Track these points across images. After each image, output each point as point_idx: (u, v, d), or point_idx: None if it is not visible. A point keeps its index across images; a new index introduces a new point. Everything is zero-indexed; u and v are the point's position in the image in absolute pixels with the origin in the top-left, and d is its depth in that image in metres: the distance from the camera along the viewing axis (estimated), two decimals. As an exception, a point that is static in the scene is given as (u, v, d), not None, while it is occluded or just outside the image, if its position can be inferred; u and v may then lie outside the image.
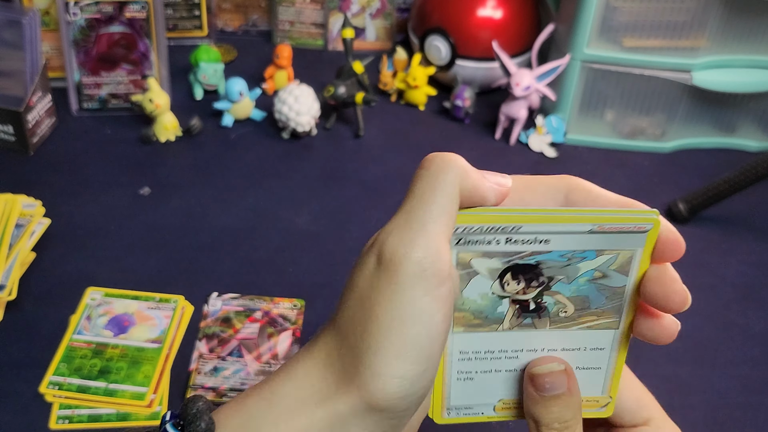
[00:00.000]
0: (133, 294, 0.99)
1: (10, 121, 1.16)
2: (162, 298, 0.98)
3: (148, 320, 0.95)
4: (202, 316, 0.98)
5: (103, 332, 0.93)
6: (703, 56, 1.22)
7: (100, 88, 1.27)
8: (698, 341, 1.01)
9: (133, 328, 0.94)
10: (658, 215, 0.40)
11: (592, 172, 1.24)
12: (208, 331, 0.96)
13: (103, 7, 1.21)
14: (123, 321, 0.95)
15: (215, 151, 1.24)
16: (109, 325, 0.94)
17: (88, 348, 0.91)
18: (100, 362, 0.90)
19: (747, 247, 1.15)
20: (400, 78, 1.37)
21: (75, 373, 0.88)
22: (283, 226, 1.12)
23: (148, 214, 1.12)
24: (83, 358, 0.90)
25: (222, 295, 1.00)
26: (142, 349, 0.92)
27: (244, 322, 0.97)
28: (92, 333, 0.93)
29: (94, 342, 0.92)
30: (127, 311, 0.96)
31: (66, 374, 0.88)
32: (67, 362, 0.90)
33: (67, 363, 0.89)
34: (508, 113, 1.28)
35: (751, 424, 0.92)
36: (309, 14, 1.46)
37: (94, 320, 0.94)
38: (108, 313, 0.96)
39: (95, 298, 0.97)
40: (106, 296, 0.97)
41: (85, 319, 0.94)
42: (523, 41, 1.34)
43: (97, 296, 0.98)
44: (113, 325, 0.94)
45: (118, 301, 0.97)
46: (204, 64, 1.31)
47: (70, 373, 0.88)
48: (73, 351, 0.91)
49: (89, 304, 0.96)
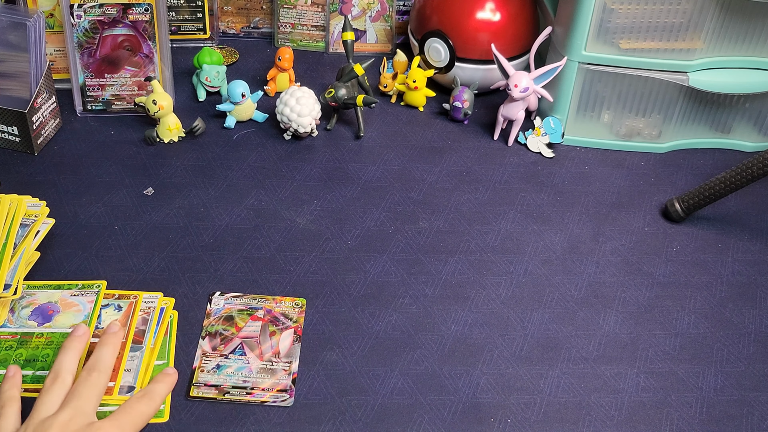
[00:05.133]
0: (55, 284, 1.00)
1: (15, 122, 1.18)
2: (84, 285, 1.00)
3: (72, 306, 0.97)
4: (205, 315, 0.99)
5: (28, 323, 0.95)
6: (699, 58, 1.23)
7: (104, 89, 1.28)
8: (694, 339, 1.02)
9: (57, 315, 0.96)
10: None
11: (589, 172, 1.26)
12: (211, 330, 0.97)
13: (107, 9, 1.22)
14: (47, 310, 0.97)
15: (218, 152, 1.25)
16: (33, 315, 0.96)
17: (12, 339, 0.93)
18: (25, 352, 0.92)
19: (742, 246, 1.16)
20: (400, 80, 1.38)
21: (1, 365, 0.90)
22: (284, 226, 1.13)
23: (151, 214, 1.13)
24: (8, 349, 0.92)
25: (225, 294, 1.02)
26: (67, 335, 0.93)
27: (246, 320, 0.99)
28: (16, 325, 0.95)
29: (18, 333, 0.94)
30: (50, 300, 0.98)
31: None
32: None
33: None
34: (506, 114, 1.29)
35: (746, 421, 0.93)
36: (310, 17, 1.47)
37: (18, 312, 0.96)
38: (31, 304, 0.97)
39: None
40: (29, 288, 0.99)
41: (9, 312, 0.96)
42: (521, 43, 1.36)
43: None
44: (37, 314, 0.96)
45: (41, 292, 0.99)
46: (207, 66, 1.32)
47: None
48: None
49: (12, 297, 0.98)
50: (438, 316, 1.02)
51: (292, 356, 0.95)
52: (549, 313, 1.04)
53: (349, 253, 1.10)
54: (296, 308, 1.01)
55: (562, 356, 0.98)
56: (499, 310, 1.04)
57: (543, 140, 1.30)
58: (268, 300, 1.01)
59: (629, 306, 1.06)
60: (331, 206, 1.17)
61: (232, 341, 0.96)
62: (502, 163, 1.28)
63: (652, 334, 1.02)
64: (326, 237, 1.12)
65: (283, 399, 0.90)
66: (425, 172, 1.25)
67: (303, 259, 1.08)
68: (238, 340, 0.96)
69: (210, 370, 0.92)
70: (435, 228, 1.15)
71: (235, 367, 0.93)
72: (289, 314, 1.00)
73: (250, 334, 0.97)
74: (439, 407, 0.91)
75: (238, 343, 0.96)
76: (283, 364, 0.94)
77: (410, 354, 0.97)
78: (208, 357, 0.94)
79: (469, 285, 1.07)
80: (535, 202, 1.21)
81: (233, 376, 0.92)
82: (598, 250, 1.14)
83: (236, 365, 0.93)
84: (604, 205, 1.21)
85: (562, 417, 0.92)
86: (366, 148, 1.29)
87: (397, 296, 1.04)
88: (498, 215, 1.18)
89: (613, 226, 1.18)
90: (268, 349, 0.96)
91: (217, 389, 0.90)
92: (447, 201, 1.20)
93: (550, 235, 1.15)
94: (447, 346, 0.99)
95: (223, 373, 0.92)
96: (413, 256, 1.10)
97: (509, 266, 1.10)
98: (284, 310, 1.00)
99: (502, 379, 0.95)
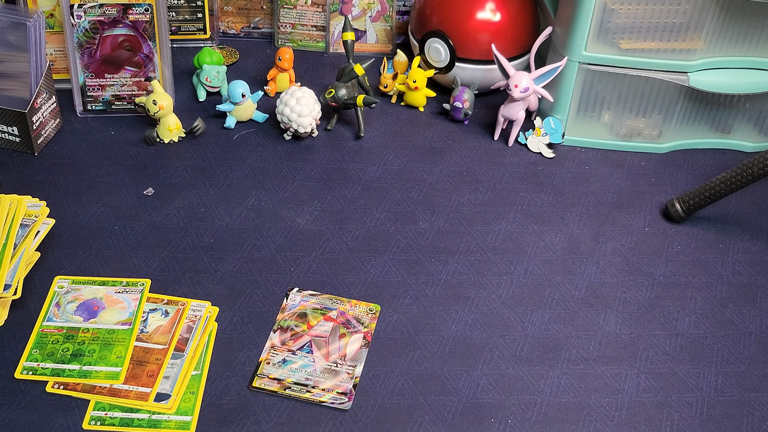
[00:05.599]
0: (99, 280, 1.01)
1: (15, 123, 1.18)
2: (128, 282, 1.01)
3: (117, 303, 0.98)
4: (281, 309, 1.00)
5: (73, 317, 0.96)
6: (699, 58, 1.23)
7: (104, 89, 1.28)
8: (695, 339, 1.02)
9: (103, 311, 0.97)
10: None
11: (590, 172, 1.26)
12: (284, 324, 0.98)
13: (107, 9, 1.22)
14: (92, 306, 0.97)
15: (218, 152, 1.25)
16: (78, 310, 0.97)
17: (59, 333, 0.94)
18: (72, 346, 0.92)
19: (743, 246, 1.16)
20: (401, 80, 1.38)
21: (48, 358, 0.91)
22: (284, 226, 1.13)
23: (151, 214, 1.13)
24: (55, 343, 0.92)
25: (302, 291, 1.03)
26: (113, 331, 0.94)
27: (319, 319, 1.00)
28: (62, 319, 0.95)
29: (65, 327, 0.95)
30: (95, 296, 0.98)
31: (39, 360, 0.91)
32: (40, 348, 0.92)
33: (40, 349, 0.92)
34: (506, 115, 1.29)
35: (747, 421, 0.93)
36: (310, 17, 1.47)
37: (64, 306, 0.96)
38: (77, 299, 0.98)
39: (63, 286, 0.99)
40: (74, 283, 1.00)
41: (54, 306, 0.96)
42: (521, 44, 1.36)
43: (64, 284, 1.00)
44: (83, 310, 0.97)
45: (86, 287, 1.00)
46: (207, 66, 1.32)
47: (43, 358, 0.91)
48: (45, 337, 0.93)
49: (57, 291, 0.99)
50: (438, 317, 1.02)
51: (358, 360, 0.95)
52: (549, 313, 1.04)
53: (349, 253, 1.10)
54: (369, 314, 1.01)
55: (562, 356, 0.98)
56: (500, 311, 1.04)
57: (543, 140, 1.30)
58: (344, 302, 1.02)
59: (629, 306, 1.06)
60: (331, 206, 1.17)
61: (301, 338, 0.97)
62: (503, 164, 1.28)
63: (653, 334, 1.02)
64: (326, 237, 1.12)
65: (342, 402, 0.90)
66: (425, 173, 1.25)
67: (303, 260, 1.08)
68: (308, 338, 0.97)
69: (276, 363, 0.93)
70: (435, 228, 1.15)
71: (300, 364, 0.94)
72: (362, 319, 1.00)
73: (320, 333, 0.98)
74: (439, 407, 0.91)
75: (307, 340, 0.97)
76: (348, 367, 0.94)
77: (410, 354, 0.97)
78: (276, 350, 0.95)
79: (469, 285, 1.07)
80: (536, 202, 1.21)
81: (297, 373, 0.93)
82: (598, 251, 1.14)
83: (302, 362, 0.94)
84: (605, 205, 1.21)
85: (563, 417, 0.92)
86: (366, 148, 1.29)
87: (397, 296, 1.04)
88: (498, 215, 1.18)
89: (613, 226, 1.18)
90: (336, 351, 0.96)
91: (279, 383, 0.91)
92: (447, 201, 1.20)
93: (551, 235, 1.15)
94: (447, 346, 0.98)
95: (288, 368, 0.93)
96: (413, 257, 1.10)
97: (509, 266, 1.10)
98: (357, 314, 1.01)
99: (502, 380, 0.95)
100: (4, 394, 0.88)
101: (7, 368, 0.91)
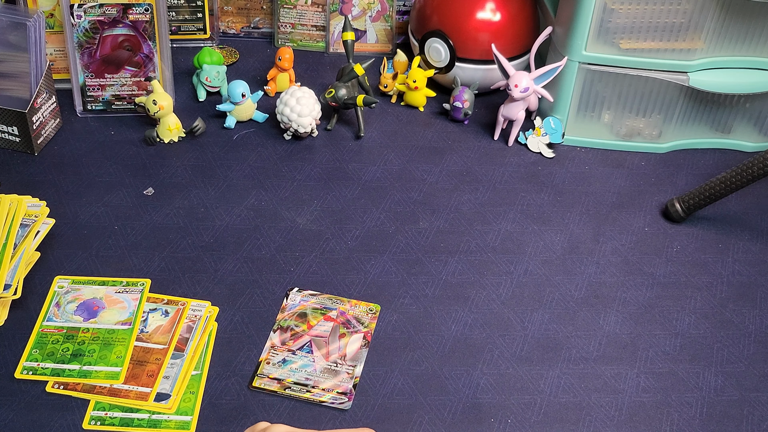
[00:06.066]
0: (99, 280, 1.01)
1: (15, 122, 1.18)
2: (128, 282, 1.01)
3: (117, 303, 0.98)
4: (281, 309, 1.00)
5: (73, 317, 0.96)
6: (699, 58, 1.23)
7: (104, 89, 1.28)
8: (694, 339, 1.02)
9: (103, 311, 0.97)
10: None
11: (590, 172, 1.26)
12: (284, 324, 0.98)
13: (107, 9, 1.22)
14: (92, 305, 0.97)
15: (218, 152, 1.25)
16: (78, 310, 0.97)
17: (59, 333, 0.94)
18: (72, 346, 0.92)
19: (743, 246, 1.16)
20: (401, 80, 1.38)
21: (48, 358, 0.91)
22: (284, 226, 1.13)
23: (151, 214, 1.13)
24: (55, 343, 0.93)
25: (302, 290, 1.03)
26: (113, 331, 0.94)
27: (319, 319, 1.00)
28: (62, 319, 0.95)
29: (65, 327, 0.95)
30: (95, 296, 0.98)
31: (39, 359, 0.91)
32: (40, 348, 0.92)
33: (40, 349, 0.92)
34: (506, 114, 1.29)
35: (747, 421, 0.93)
36: (310, 17, 1.47)
37: (63, 306, 0.96)
38: (77, 299, 0.98)
39: (63, 286, 1.00)
40: (74, 283, 1.00)
41: (54, 305, 0.96)
42: (521, 44, 1.36)
43: (64, 284, 1.00)
44: (83, 310, 0.97)
45: (86, 287, 1.00)
46: (207, 66, 1.32)
47: (43, 358, 0.91)
48: (45, 337, 0.93)
49: (57, 291, 0.99)
50: (438, 317, 1.02)
51: (358, 360, 0.95)
52: (549, 313, 1.04)
53: (349, 253, 1.10)
54: (369, 314, 1.01)
55: (562, 356, 0.98)
56: (499, 311, 1.04)
57: (543, 140, 1.30)
58: (344, 302, 1.02)
59: (629, 306, 1.06)
60: (331, 206, 1.17)
61: (301, 338, 0.97)
62: (503, 164, 1.28)
63: (653, 334, 1.02)
64: (326, 237, 1.12)
65: (342, 402, 0.90)
66: (425, 172, 1.25)
67: (303, 260, 1.08)
68: (308, 338, 0.97)
69: (276, 363, 0.93)
70: (435, 228, 1.15)
71: (300, 364, 0.94)
72: (362, 318, 1.00)
73: (320, 333, 0.98)
74: (439, 407, 0.91)
75: (307, 340, 0.97)
76: (347, 367, 0.94)
77: (410, 354, 0.97)
78: (275, 350, 0.95)
79: (469, 285, 1.07)
80: (536, 202, 1.21)
81: (297, 373, 0.93)
82: (598, 251, 1.14)
83: (302, 362, 0.94)
84: (605, 205, 1.21)
85: (563, 417, 0.92)
86: (366, 148, 1.29)
87: (397, 296, 1.04)
88: (498, 215, 1.18)
89: (613, 226, 1.18)
90: (336, 351, 0.96)
91: (279, 383, 0.91)
92: (447, 201, 1.20)
93: (551, 235, 1.15)
94: (447, 346, 0.99)
95: (288, 368, 0.93)
96: (413, 256, 1.10)
97: (509, 266, 1.10)
98: (357, 314, 1.01)
99: (502, 380, 0.95)
100: (4, 394, 0.88)
101: (7, 368, 0.91)
